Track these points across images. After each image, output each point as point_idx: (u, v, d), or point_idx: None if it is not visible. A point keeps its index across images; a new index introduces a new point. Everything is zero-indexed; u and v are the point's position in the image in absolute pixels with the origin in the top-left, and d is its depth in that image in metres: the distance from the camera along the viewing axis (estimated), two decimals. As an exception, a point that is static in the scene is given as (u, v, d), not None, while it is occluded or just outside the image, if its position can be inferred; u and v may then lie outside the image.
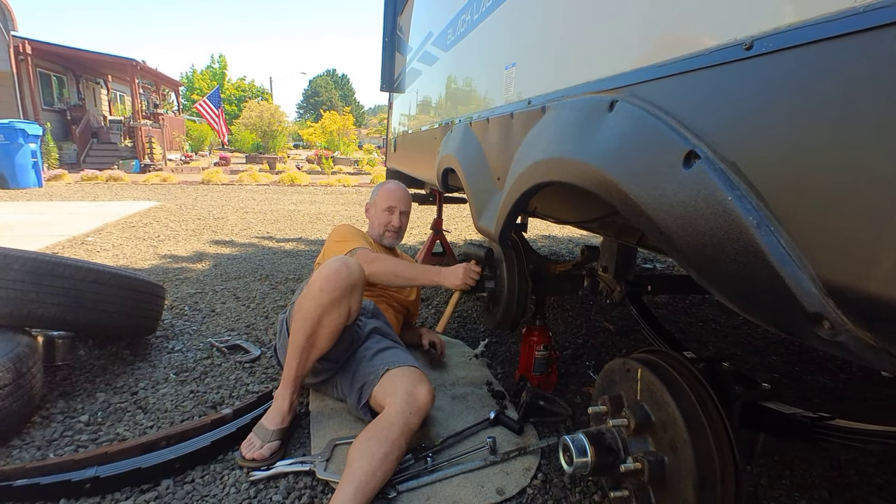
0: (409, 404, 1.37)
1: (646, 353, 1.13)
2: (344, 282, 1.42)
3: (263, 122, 19.34)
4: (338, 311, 1.43)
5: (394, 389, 1.42)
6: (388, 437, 1.29)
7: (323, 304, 1.41)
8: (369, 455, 1.24)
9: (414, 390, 1.41)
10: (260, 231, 5.27)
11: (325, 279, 1.41)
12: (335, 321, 1.44)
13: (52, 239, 4.29)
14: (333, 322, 1.44)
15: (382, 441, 1.27)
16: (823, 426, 1.05)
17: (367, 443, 1.27)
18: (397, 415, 1.34)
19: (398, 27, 3.62)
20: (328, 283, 1.41)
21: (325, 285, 1.41)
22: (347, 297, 1.44)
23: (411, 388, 1.42)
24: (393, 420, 1.33)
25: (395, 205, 2.02)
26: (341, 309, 1.44)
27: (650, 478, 0.96)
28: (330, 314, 1.42)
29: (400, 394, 1.40)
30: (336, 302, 1.42)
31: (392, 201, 2.02)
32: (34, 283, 1.61)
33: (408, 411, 1.36)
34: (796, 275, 0.52)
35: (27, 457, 1.41)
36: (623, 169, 0.77)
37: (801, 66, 0.52)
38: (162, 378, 1.90)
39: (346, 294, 1.43)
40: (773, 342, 2.48)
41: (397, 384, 1.44)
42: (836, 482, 1.42)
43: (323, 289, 1.41)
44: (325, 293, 1.40)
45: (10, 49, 12.31)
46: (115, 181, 10.35)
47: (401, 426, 1.32)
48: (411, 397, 1.39)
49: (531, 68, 1.30)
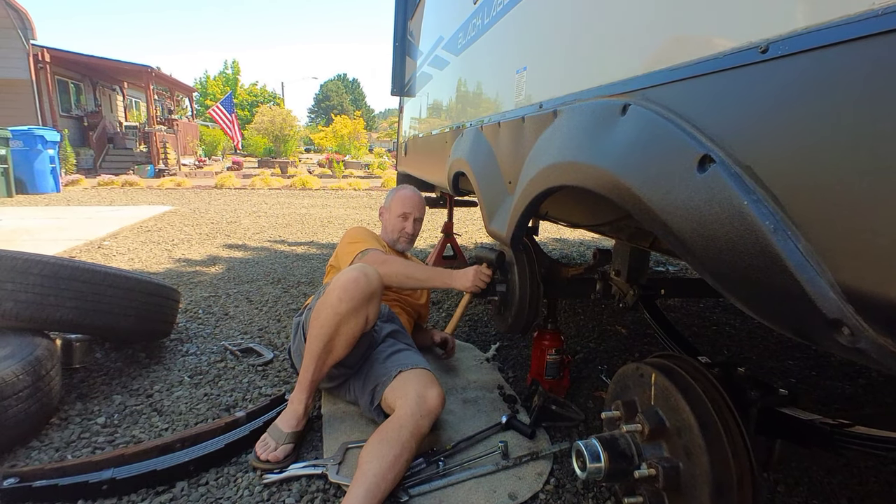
0: (420, 406, 1.37)
1: (660, 357, 1.12)
2: (362, 291, 1.42)
3: (275, 127, 19.52)
4: (355, 319, 1.44)
5: (405, 392, 1.42)
6: (399, 439, 1.29)
7: (341, 314, 1.41)
8: (380, 457, 1.24)
9: (425, 393, 1.41)
10: (272, 235, 5.32)
11: (343, 288, 1.42)
12: (352, 330, 1.44)
13: (70, 243, 4.37)
14: (351, 331, 1.44)
15: (393, 444, 1.27)
16: (843, 433, 1.03)
17: (378, 445, 1.27)
18: (408, 417, 1.34)
19: (409, 32, 3.64)
20: (346, 293, 1.41)
21: (343, 294, 1.41)
22: (365, 306, 1.44)
23: (422, 391, 1.42)
24: (403, 422, 1.33)
25: (410, 211, 2.02)
26: (359, 318, 1.44)
27: (665, 484, 0.95)
28: (347, 323, 1.43)
29: (411, 396, 1.40)
30: (354, 311, 1.42)
31: (407, 207, 2.02)
32: (53, 286, 1.64)
33: (418, 413, 1.36)
34: (815, 280, 0.52)
35: (46, 458, 1.43)
36: (636, 173, 0.77)
37: (818, 70, 0.51)
38: (176, 381, 1.92)
39: (363, 303, 1.43)
40: (789, 346, 2.44)
41: (408, 386, 1.44)
42: (856, 490, 1.40)
43: (341, 298, 1.41)
44: (344, 302, 1.41)
45: (29, 57, 12.58)
46: (130, 186, 10.51)
47: (411, 428, 1.32)
48: (422, 399, 1.39)
49: (542, 72, 1.30)
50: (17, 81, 12.65)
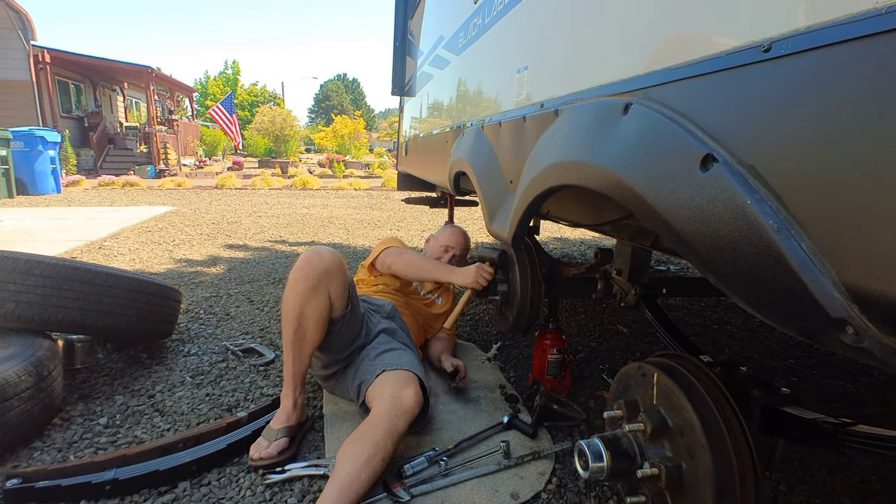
0: (395, 406, 1.38)
1: (662, 356, 1.12)
2: (316, 268, 1.46)
3: (276, 127, 19.51)
4: (317, 298, 1.47)
5: (381, 392, 1.44)
6: (373, 438, 1.30)
7: (300, 294, 1.45)
8: (353, 457, 1.26)
9: (400, 393, 1.42)
10: (273, 235, 5.32)
11: (298, 268, 1.47)
12: (317, 309, 1.47)
13: (71, 244, 4.37)
14: (316, 310, 1.47)
15: (367, 443, 1.29)
16: (846, 432, 1.03)
17: (352, 445, 1.29)
18: (382, 416, 1.36)
19: (409, 31, 3.63)
20: (300, 272, 1.46)
21: (298, 274, 1.46)
22: (324, 282, 1.47)
23: (398, 391, 1.43)
24: (377, 422, 1.34)
25: (453, 246, 2.22)
26: (320, 295, 1.47)
27: (667, 483, 0.95)
28: (310, 303, 1.46)
29: (386, 396, 1.41)
30: (314, 289, 1.46)
31: (451, 242, 2.23)
32: (55, 287, 1.64)
33: (392, 413, 1.37)
34: (818, 279, 0.51)
35: (48, 458, 1.43)
36: (638, 172, 0.77)
37: (821, 69, 0.51)
38: (178, 381, 1.92)
39: (321, 279, 1.46)
40: (791, 345, 2.43)
41: (385, 387, 1.45)
42: (858, 489, 1.40)
43: (297, 278, 1.46)
44: (300, 282, 1.45)
45: (30, 58, 12.59)
46: (131, 186, 10.52)
47: (385, 428, 1.33)
48: (397, 399, 1.40)
49: (544, 71, 1.30)
50: (18, 82, 12.67)
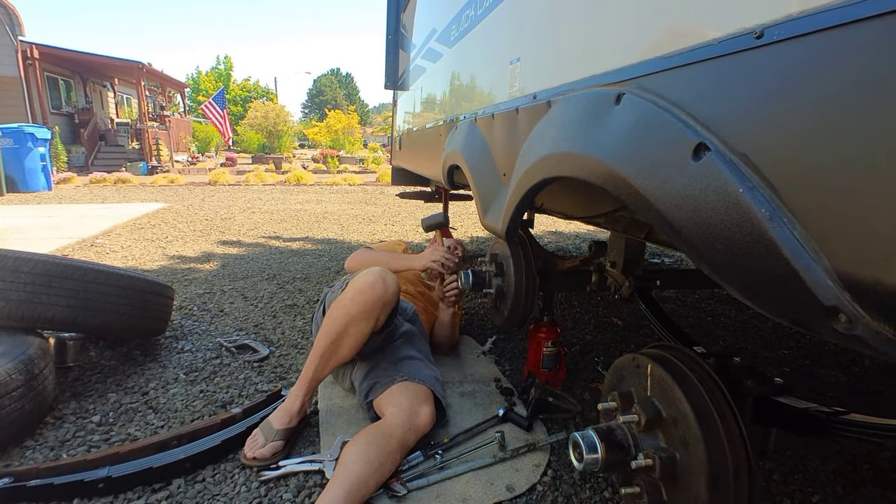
0: (410, 421, 1.39)
1: (656, 348, 1.12)
2: (377, 297, 1.44)
3: (269, 123, 19.36)
4: (366, 322, 1.45)
5: (399, 401, 1.43)
6: (387, 447, 1.29)
7: (351, 315, 1.43)
8: (366, 461, 1.24)
9: (418, 409, 1.43)
10: (267, 231, 5.29)
11: (359, 290, 1.44)
12: (361, 332, 1.46)
13: (63, 241, 4.33)
14: (359, 332, 1.46)
15: (381, 450, 1.28)
16: (838, 421, 1.04)
17: (367, 448, 1.27)
18: (397, 427, 1.36)
19: (401, 24, 3.61)
20: (360, 295, 1.43)
21: (356, 296, 1.43)
22: (378, 310, 1.46)
23: (416, 406, 1.43)
24: (393, 432, 1.34)
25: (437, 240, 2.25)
26: (369, 321, 1.46)
27: (661, 474, 0.95)
28: (357, 325, 1.44)
29: (404, 407, 1.41)
30: (365, 315, 1.44)
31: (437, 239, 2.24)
32: (45, 285, 1.63)
33: (406, 427, 1.37)
34: (811, 268, 0.51)
35: (40, 457, 1.42)
36: (631, 163, 0.76)
37: (814, 54, 0.51)
38: (172, 378, 1.91)
39: (376, 308, 1.45)
40: (783, 336, 2.45)
41: (403, 397, 1.45)
42: (850, 477, 1.41)
43: (354, 300, 1.43)
44: (356, 304, 1.43)
45: (17, 54, 12.42)
46: (123, 183, 10.42)
47: (399, 439, 1.33)
48: (414, 414, 1.41)
49: (536, 63, 1.29)
50: (6, 78, 12.50)
